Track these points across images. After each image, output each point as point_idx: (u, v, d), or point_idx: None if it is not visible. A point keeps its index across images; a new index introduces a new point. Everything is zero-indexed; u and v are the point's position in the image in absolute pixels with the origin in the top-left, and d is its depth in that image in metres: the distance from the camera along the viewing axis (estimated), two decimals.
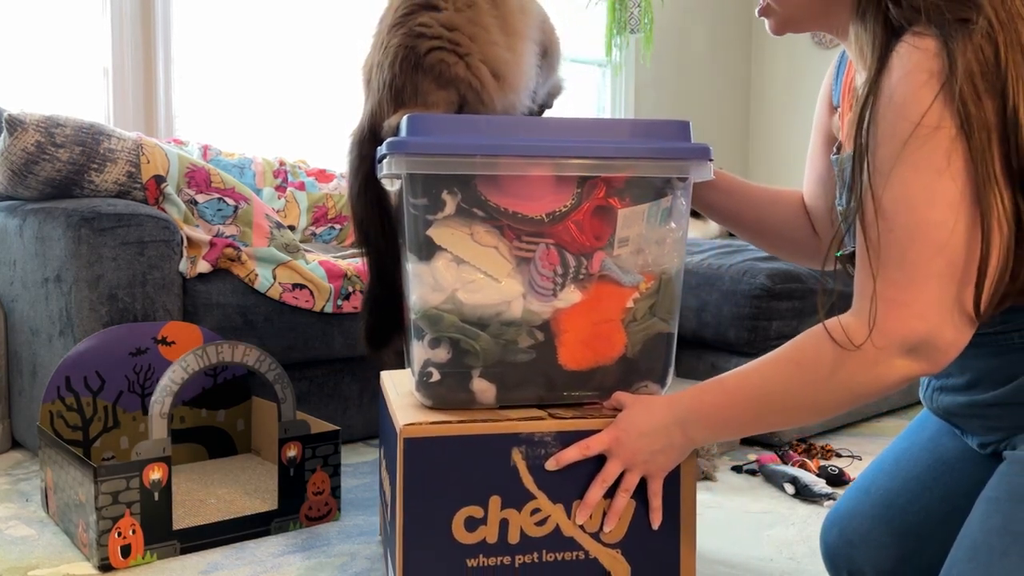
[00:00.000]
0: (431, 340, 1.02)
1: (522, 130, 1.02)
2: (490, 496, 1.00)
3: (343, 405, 1.96)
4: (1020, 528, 0.84)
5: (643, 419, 1.00)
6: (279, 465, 1.38)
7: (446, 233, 0.99)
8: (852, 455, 1.89)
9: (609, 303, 1.04)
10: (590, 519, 1.01)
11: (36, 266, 1.69)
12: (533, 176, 0.99)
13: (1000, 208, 0.82)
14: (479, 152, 0.96)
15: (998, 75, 0.82)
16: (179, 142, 2.37)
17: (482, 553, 1.00)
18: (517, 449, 1.00)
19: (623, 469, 1.00)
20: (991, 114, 0.82)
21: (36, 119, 1.67)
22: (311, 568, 1.25)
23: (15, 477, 1.68)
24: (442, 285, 1.01)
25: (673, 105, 4.15)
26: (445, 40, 1.11)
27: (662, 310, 1.06)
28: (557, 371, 1.05)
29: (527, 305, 1.02)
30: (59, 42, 2.69)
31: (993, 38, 0.82)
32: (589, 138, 1.01)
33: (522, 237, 1.00)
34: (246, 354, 1.38)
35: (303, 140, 3.13)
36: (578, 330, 1.04)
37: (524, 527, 1.00)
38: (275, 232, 1.93)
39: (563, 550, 1.01)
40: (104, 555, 1.23)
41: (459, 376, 1.03)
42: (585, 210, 1.01)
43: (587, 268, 1.02)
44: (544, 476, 1.00)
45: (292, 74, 3.14)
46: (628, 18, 3.69)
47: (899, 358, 0.86)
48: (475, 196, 0.99)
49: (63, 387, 1.48)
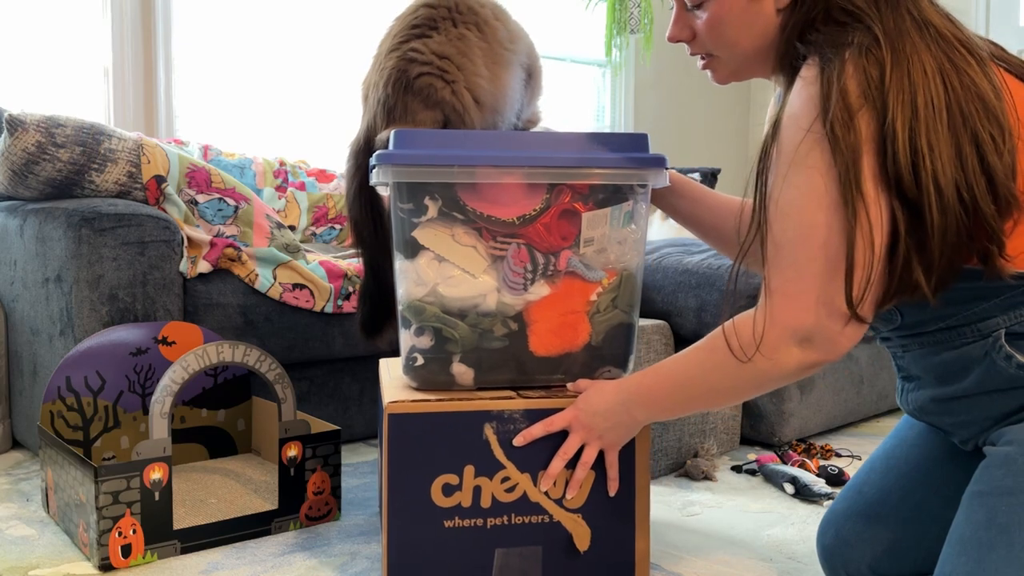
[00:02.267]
0: (416, 329, 1.16)
1: (496, 143, 1.15)
2: (465, 465, 1.13)
3: (343, 405, 1.96)
4: (1004, 520, 0.87)
5: (597, 400, 1.12)
6: (279, 465, 1.38)
7: (429, 234, 1.13)
8: (852, 455, 1.89)
9: (575, 296, 1.17)
10: (554, 487, 1.14)
11: (37, 266, 1.70)
12: (506, 184, 1.12)
13: (866, 216, 0.90)
14: (457, 163, 1.09)
15: (881, 91, 0.90)
16: (179, 142, 2.37)
17: (457, 515, 1.14)
18: (489, 424, 1.13)
19: (582, 443, 1.13)
20: (867, 128, 0.90)
21: (37, 119, 1.67)
22: (311, 568, 1.26)
23: (15, 477, 1.69)
24: (425, 280, 1.14)
25: (673, 105, 4.15)
26: (435, 66, 1.24)
27: (623, 303, 1.19)
28: (528, 357, 1.18)
29: (501, 298, 1.15)
30: (59, 42, 2.69)
31: (879, 58, 0.90)
32: (556, 150, 1.14)
33: (497, 238, 1.13)
34: (246, 354, 1.38)
35: (303, 140, 3.14)
36: (547, 320, 1.17)
37: (495, 493, 1.14)
38: (275, 232, 1.93)
39: (530, 514, 1.15)
40: (105, 555, 1.23)
41: (441, 361, 1.17)
42: (553, 213, 1.14)
43: (555, 265, 1.15)
44: (513, 448, 1.14)
45: (293, 74, 3.15)
46: (628, 18, 3.69)
47: (794, 347, 0.95)
48: (455, 201, 1.12)
49: (63, 387, 1.48)
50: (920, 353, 1.03)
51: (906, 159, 0.89)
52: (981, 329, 0.94)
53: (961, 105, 0.90)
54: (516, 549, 1.15)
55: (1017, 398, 0.93)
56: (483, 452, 1.13)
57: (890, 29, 0.93)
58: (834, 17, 0.98)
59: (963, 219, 0.90)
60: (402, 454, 1.12)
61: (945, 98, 0.90)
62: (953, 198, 0.89)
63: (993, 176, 0.89)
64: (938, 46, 0.93)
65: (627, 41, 3.81)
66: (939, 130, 0.89)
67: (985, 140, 0.90)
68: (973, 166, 0.89)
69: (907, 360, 1.07)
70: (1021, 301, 0.92)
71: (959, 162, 0.89)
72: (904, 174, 0.89)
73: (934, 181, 0.89)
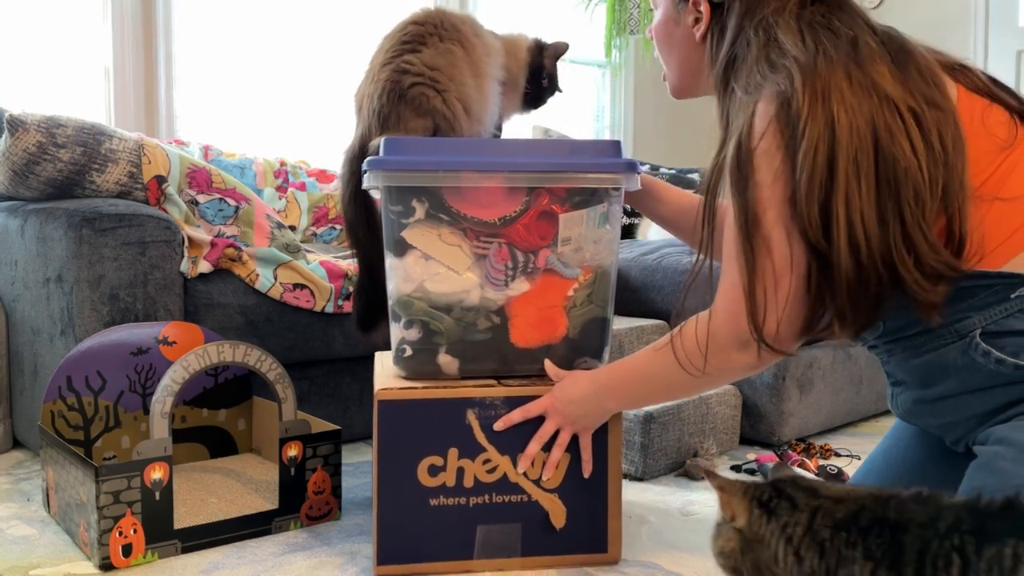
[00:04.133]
0: (405, 322, 1.24)
1: (478, 149, 1.24)
2: (449, 448, 1.21)
3: (344, 405, 1.96)
4: None
5: (571, 389, 1.20)
6: (280, 465, 1.39)
7: (417, 234, 1.21)
8: (851, 455, 1.89)
9: (553, 292, 1.25)
10: (532, 467, 1.22)
11: (37, 266, 1.70)
12: (488, 187, 1.19)
13: (768, 258, 0.95)
14: (441, 168, 1.17)
15: (793, 143, 0.91)
16: (180, 142, 2.37)
17: (442, 494, 1.22)
18: (471, 410, 1.21)
19: (557, 428, 1.20)
20: (771, 177, 0.94)
21: (37, 119, 1.67)
22: (312, 567, 1.26)
23: (16, 477, 1.69)
24: (413, 277, 1.22)
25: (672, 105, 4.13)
26: (426, 77, 1.31)
27: (598, 298, 1.27)
28: (510, 348, 1.26)
29: (484, 293, 1.23)
30: (60, 42, 2.69)
31: (796, 110, 0.91)
32: (535, 155, 1.24)
33: (480, 237, 1.21)
34: (247, 354, 1.38)
35: (304, 140, 3.14)
36: (527, 314, 1.25)
37: (477, 474, 1.22)
38: (276, 232, 1.93)
39: (509, 493, 1.23)
40: (105, 554, 1.24)
41: (428, 352, 1.25)
42: (531, 215, 1.21)
43: (534, 263, 1.23)
44: (493, 433, 1.22)
45: (293, 75, 3.15)
46: (628, 19, 3.70)
47: (735, 351, 1.02)
48: (441, 203, 1.20)
49: (64, 387, 1.48)
50: (903, 357, 1.04)
51: (812, 213, 0.90)
52: (959, 330, 0.95)
53: (890, 169, 0.89)
54: (497, 526, 1.23)
55: (999, 395, 0.93)
56: (466, 436, 1.21)
57: (815, 77, 0.91)
58: (762, 57, 0.98)
59: (883, 278, 0.91)
60: (391, 437, 1.20)
61: (873, 161, 0.89)
62: (868, 259, 0.89)
63: (915, 247, 0.89)
64: (874, 100, 0.91)
65: (627, 41, 3.81)
66: (859, 190, 0.89)
67: (908, 216, 0.89)
68: (895, 233, 0.89)
69: (892, 365, 1.08)
70: (994, 301, 0.92)
71: (880, 227, 0.89)
72: (809, 227, 0.91)
73: (848, 239, 0.89)
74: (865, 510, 0.76)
